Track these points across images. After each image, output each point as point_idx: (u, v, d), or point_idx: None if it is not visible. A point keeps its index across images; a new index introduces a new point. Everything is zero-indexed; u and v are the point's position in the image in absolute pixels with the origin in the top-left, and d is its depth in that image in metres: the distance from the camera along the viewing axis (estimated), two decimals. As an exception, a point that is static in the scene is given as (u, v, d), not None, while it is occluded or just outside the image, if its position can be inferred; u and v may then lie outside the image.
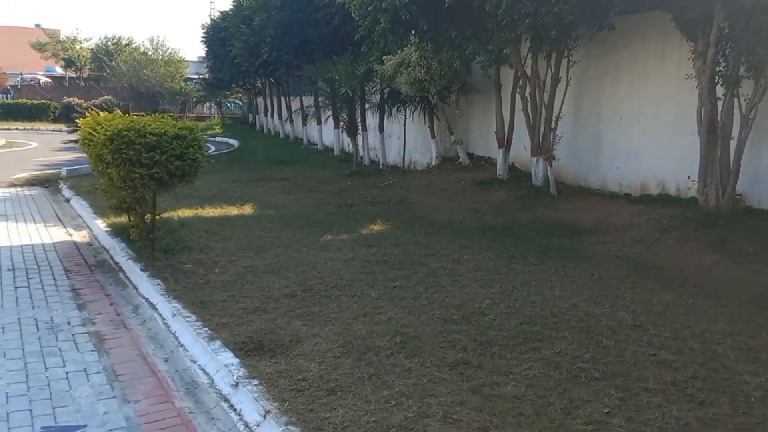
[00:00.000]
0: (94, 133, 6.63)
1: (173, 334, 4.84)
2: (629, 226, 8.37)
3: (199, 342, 4.43)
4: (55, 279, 6.41)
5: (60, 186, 12.72)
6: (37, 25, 68.69)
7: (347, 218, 9.18)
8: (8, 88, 42.91)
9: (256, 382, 3.74)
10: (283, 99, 25.94)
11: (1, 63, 44.31)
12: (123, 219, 8.05)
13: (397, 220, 8.97)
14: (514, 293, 5.47)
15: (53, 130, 30.56)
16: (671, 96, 9.24)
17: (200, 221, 8.62)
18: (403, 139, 14.33)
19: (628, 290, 5.62)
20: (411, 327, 4.62)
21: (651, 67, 9.59)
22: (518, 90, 10.71)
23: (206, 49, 29.06)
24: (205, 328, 4.64)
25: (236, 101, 38.32)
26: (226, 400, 3.76)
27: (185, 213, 9.07)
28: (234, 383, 3.77)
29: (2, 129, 30.09)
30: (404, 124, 13.84)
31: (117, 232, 7.97)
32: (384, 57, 12.50)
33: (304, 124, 22.18)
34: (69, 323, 5.09)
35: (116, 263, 7.03)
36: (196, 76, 51.46)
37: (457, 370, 3.89)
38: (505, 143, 11.45)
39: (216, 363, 4.09)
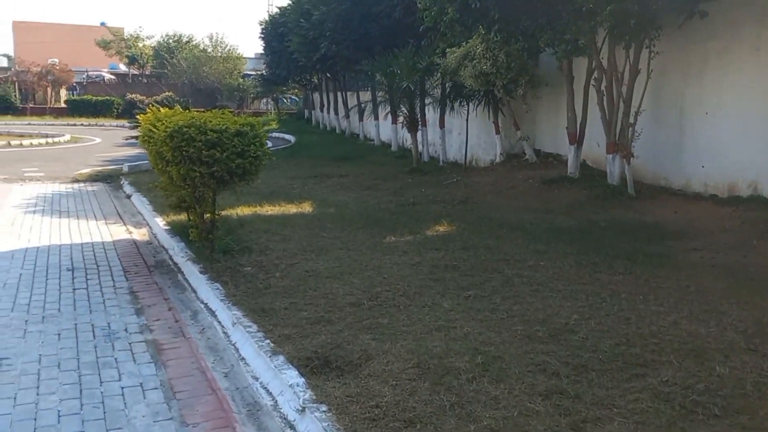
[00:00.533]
0: (154, 129, 6.41)
1: (233, 345, 4.52)
2: (721, 230, 7.64)
3: (261, 356, 4.09)
4: (113, 280, 6.22)
5: (121, 182, 12.76)
6: (103, 24, 70.85)
7: (410, 218, 8.75)
8: (74, 84, 44.24)
9: (324, 408, 3.35)
10: (339, 94, 25.73)
11: (67, 60, 45.68)
12: (182, 217, 7.87)
13: (463, 221, 8.48)
14: (603, 307, 4.93)
15: (116, 126, 31.24)
16: (766, 89, 8.43)
17: (259, 220, 8.36)
18: (464, 135, 13.81)
19: (732, 305, 5.00)
20: (492, 345, 4.16)
21: (743, 57, 8.78)
22: (593, 83, 10.04)
23: (264, 45, 29.13)
24: (267, 341, 4.30)
25: (292, 97, 38.44)
26: (292, 427, 3.39)
27: (244, 211, 8.84)
28: (300, 408, 3.40)
29: (68, 125, 31.00)
30: (466, 120, 13.31)
31: (176, 230, 7.78)
32: (447, 50, 12.00)
33: (361, 119, 21.92)
34: (126, 330, 4.85)
35: (175, 264, 6.81)
36: (254, 73, 52.09)
37: (551, 401, 3.40)
38: (576, 139, 10.79)
39: (280, 382, 3.73)
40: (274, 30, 24.98)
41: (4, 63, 62.23)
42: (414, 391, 3.52)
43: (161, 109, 7.58)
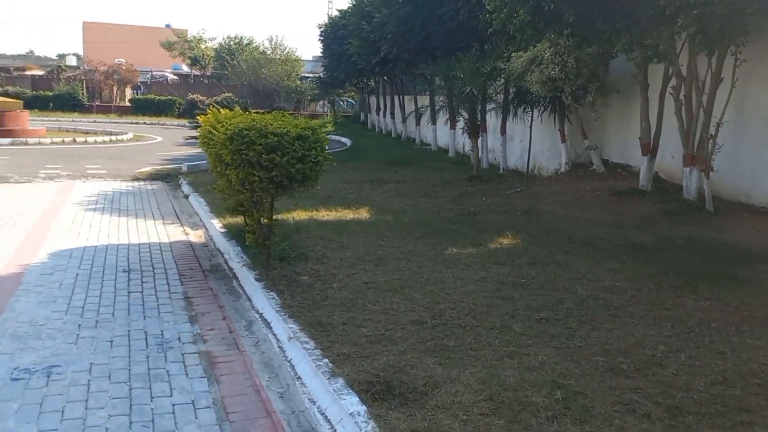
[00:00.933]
0: (214, 131, 6.25)
1: (289, 361, 4.26)
2: (815, 254, 7.00)
3: (319, 377, 3.81)
4: (168, 284, 6.08)
5: (180, 181, 12.80)
6: (167, 26, 72.93)
7: (472, 228, 8.38)
8: (139, 84, 45.49)
9: (389, 443, 3.05)
10: (396, 98, 25.51)
11: (133, 60, 47.06)
12: (239, 220, 7.72)
13: (528, 233, 8.06)
14: (692, 338, 4.47)
15: (177, 125, 31.86)
16: None
17: (316, 225, 8.14)
18: (527, 142, 13.32)
19: (841, 342, 4.46)
20: (571, 377, 3.77)
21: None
22: (670, 91, 9.44)
23: (323, 48, 29.19)
24: (326, 360, 4.02)
25: (349, 100, 38.47)
26: (353, 463, 3.10)
27: (300, 215, 8.65)
28: (362, 441, 3.10)
29: (131, 123, 31.80)
30: (530, 126, 12.83)
31: (232, 234, 7.63)
32: (513, 54, 11.57)
33: (418, 123, 21.63)
34: (179, 339, 4.66)
35: (230, 269, 6.64)
36: (311, 75, 52.52)
37: (645, 450, 3.01)
38: (650, 150, 10.19)
39: (339, 409, 3.45)
40: (333, 33, 24.96)
41: (74, 62, 64.52)
42: (488, 429, 3.18)
43: (221, 110, 7.47)
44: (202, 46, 59.70)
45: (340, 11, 25.62)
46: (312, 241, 7.29)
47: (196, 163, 14.68)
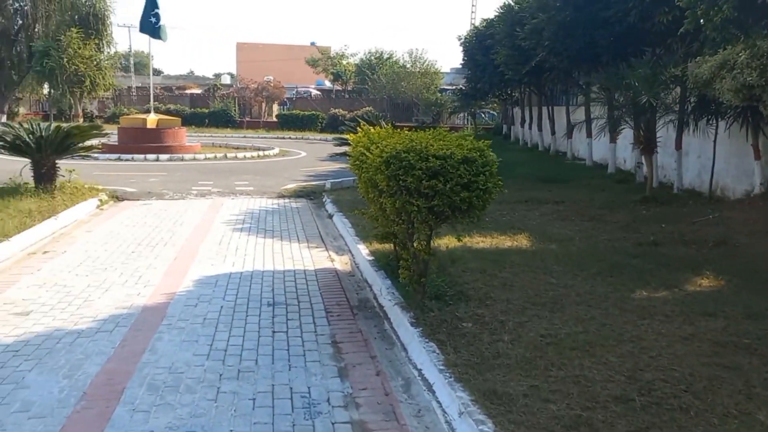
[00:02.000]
0: (367, 154, 5.57)
1: (462, 446, 3.41)
2: None
3: (507, 481, 2.91)
4: (315, 323, 5.47)
5: (324, 199, 12.49)
6: (312, 44, 75.89)
7: (657, 263, 7.08)
8: (285, 100, 47.29)
9: None
10: (545, 109, 24.06)
11: (281, 77, 49.15)
12: (387, 246, 7.04)
13: (732, 273, 6.64)
14: None
15: (320, 140, 32.46)
16: None
17: (471, 255, 7.26)
18: (705, 159, 11.60)
19: None
20: None
21: None
22: None
23: (465, 59, 28.37)
24: (512, 453, 3.12)
25: (490, 112, 37.31)
26: None
27: (452, 242, 7.77)
28: None
29: (277, 138, 32.87)
30: (714, 140, 11.12)
31: (381, 263, 6.96)
32: (697, 59, 10.00)
33: (570, 136, 20.07)
34: (329, 401, 3.97)
35: (380, 306, 5.93)
36: (450, 87, 51.93)
37: None
38: None
39: None
40: (478, 43, 24.07)
41: (228, 80, 68.90)
42: None
43: (372, 128, 6.84)
44: (344, 62, 61.30)
45: (485, 20, 24.69)
46: (470, 275, 6.42)
47: (340, 180, 14.38)
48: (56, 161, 11.19)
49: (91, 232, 9.13)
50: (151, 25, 21.48)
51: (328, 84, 65.83)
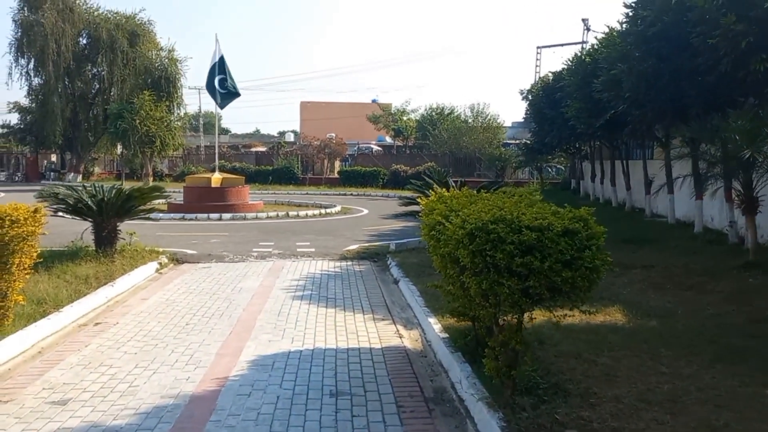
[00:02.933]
0: (446, 224, 4.83)
1: None
2: None
3: None
4: (384, 421, 4.67)
5: (388, 262, 11.79)
6: (374, 101, 77.07)
7: (785, 348, 5.97)
8: (347, 156, 47.56)
9: None
10: (620, 163, 22.91)
11: (342, 134, 49.57)
12: (463, 323, 6.22)
13: None
14: None
15: (381, 196, 32.09)
16: None
17: (560, 334, 6.32)
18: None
19: None
20: None
21: None
22: None
23: (530, 112, 27.71)
24: None
25: (558, 166, 36.23)
26: None
27: (535, 315, 6.88)
28: None
29: (339, 194, 32.71)
30: (828, 198, 9.89)
31: (457, 343, 6.12)
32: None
33: (648, 192, 18.87)
34: None
35: (460, 399, 5.08)
36: (513, 142, 51.21)
37: None
38: None
39: None
40: (545, 96, 23.37)
41: (292, 138, 70.37)
42: None
43: (445, 189, 6.14)
44: (405, 118, 61.73)
45: (553, 73, 24.03)
46: (563, 361, 5.52)
47: (404, 240, 13.69)
48: (117, 224, 10.96)
49: (147, 300, 8.68)
50: (213, 87, 21.79)
51: (389, 140, 66.28)
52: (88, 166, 46.55)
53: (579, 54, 19.34)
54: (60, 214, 11.21)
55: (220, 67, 21.66)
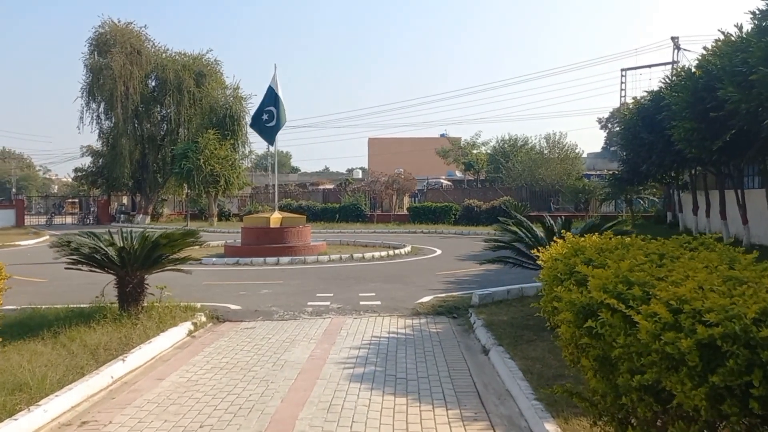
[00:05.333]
0: (631, 314, 2.53)
1: None
2: None
3: None
4: None
5: (471, 319, 9.46)
6: (443, 135, 75.26)
7: None
8: (416, 192, 45.55)
9: None
10: (731, 192, 19.77)
11: (411, 169, 47.69)
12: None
13: None
14: None
15: (455, 234, 29.72)
16: None
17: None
18: None
19: None
20: None
21: None
22: None
23: (620, 139, 24.83)
24: None
25: (651, 198, 32.80)
26: None
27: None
28: None
29: (409, 232, 30.54)
30: None
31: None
32: None
33: (777, 226, 15.78)
34: None
35: None
36: (593, 172, 47.87)
37: None
38: None
39: None
40: (642, 119, 20.56)
41: (360, 175, 69.14)
42: None
43: (584, 237, 3.87)
44: (475, 151, 59.38)
45: (650, 92, 21.22)
46: None
47: (489, 290, 11.31)
48: (144, 277, 9.16)
49: (162, 381, 6.68)
50: (261, 123, 20.21)
51: (459, 174, 63.96)
52: (157, 208, 46.47)
53: (686, 67, 16.60)
54: (86, 267, 9.50)
55: (270, 98, 20.07)
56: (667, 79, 19.61)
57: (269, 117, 19.92)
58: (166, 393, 6.28)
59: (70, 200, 57.82)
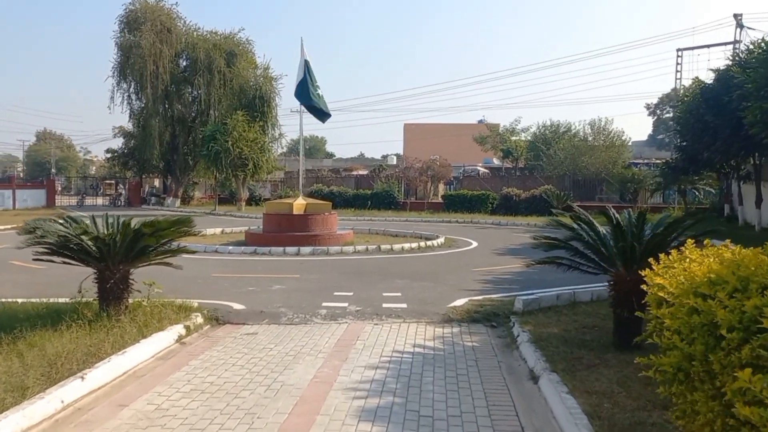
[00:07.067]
0: None
1: None
2: None
3: None
4: None
5: (515, 332, 7.87)
6: (480, 121, 72.92)
7: None
8: (451, 179, 43.76)
9: None
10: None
11: (447, 156, 45.85)
12: None
13: None
14: None
15: (492, 224, 27.96)
16: None
17: None
18: None
19: None
20: None
21: None
22: None
23: (679, 123, 22.69)
24: None
25: (708, 188, 30.41)
26: None
27: None
28: None
29: (443, 221, 28.90)
30: None
31: None
32: None
33: None
34: None
35: None
36: (640, 161, 45.37)
37: None
38: None
39: None
40: (705, 101, 18.47)
41: (394, 161, 67.49)
42: None
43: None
44: (514, 138, 57.10)
45: (716, 71, 19.06)
46: None
47: (534, 293, 9.68)
48: (130, 271, 7.81)
49: (123, 410, 5.28)
50: (308, 95, 18.74)
51: (496, 162, 61.77)
52: (188, 191, 45.73)
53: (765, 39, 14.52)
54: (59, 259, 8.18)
55: (306, 73, 18.65)
56: (737, 57, 17.47)
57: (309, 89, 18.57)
58: (123, 428, 4.88)
59: (107, 182, 57.73)
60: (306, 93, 18.86)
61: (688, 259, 2.98)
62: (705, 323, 2.25)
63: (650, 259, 3.83)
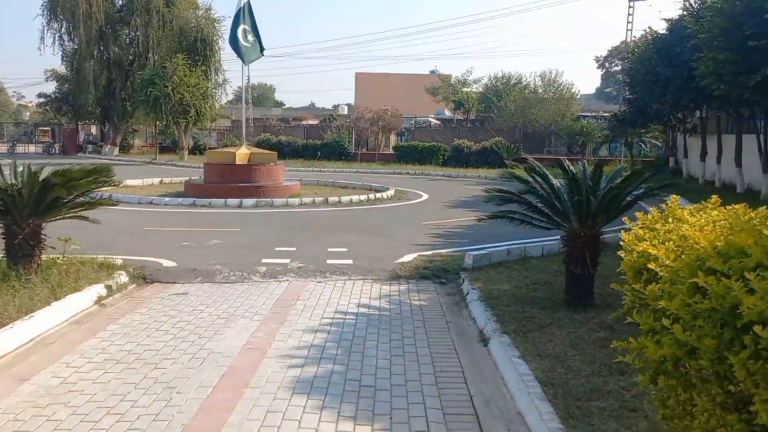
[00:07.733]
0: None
1: None
2: None
3: None
4: None
5: (465, 290, 7.48)
6: (433, 72, 71.91)
7: None
8: (403, 130, 43.09)
9: None
10: (750, 138, 17.82)
11: (399, 107, 45.03)
12: None
13: None
14: None
15: (443, 176, 27.58)
16: None
17: None
18: None
19: None
20: None
21: None
22: None
23: (628, 76, 22.53)
24: None
25: (654, 142, 30.65)
26: None
27: None
28: None
29: (393, 173, 28.38)
30: None
31: None
32: None
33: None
34: None
35: None
36: (588, 114, 45.61)
37: None
38: None
39: None
40: (658, 51, 18.25)
41: (345, 111, 66.12)
42: None
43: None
44: (466, 90, 56.53)
45: (668, 20, 18.81)
46: None
47: (485, 248, 9.29)
48: (41, 225, 7.01)
49: (23, 385, 4.63)
50: (236, 40, 17.77)
51: (448, 113, 61.23)
52: (128, 139, 43.67)
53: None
54: None
55: (245, 16, 17.56)
56: (689, 7, 17.21)
57: (244, 34, 17.58)
58: (19, 407, 4.25)
59: (42, 129, 54.69)
60: (233, 35, 17.95)
61: (672, 219, 2.51)
62: (717, 309, 1.78)
63: (625, 219, 3.36)
